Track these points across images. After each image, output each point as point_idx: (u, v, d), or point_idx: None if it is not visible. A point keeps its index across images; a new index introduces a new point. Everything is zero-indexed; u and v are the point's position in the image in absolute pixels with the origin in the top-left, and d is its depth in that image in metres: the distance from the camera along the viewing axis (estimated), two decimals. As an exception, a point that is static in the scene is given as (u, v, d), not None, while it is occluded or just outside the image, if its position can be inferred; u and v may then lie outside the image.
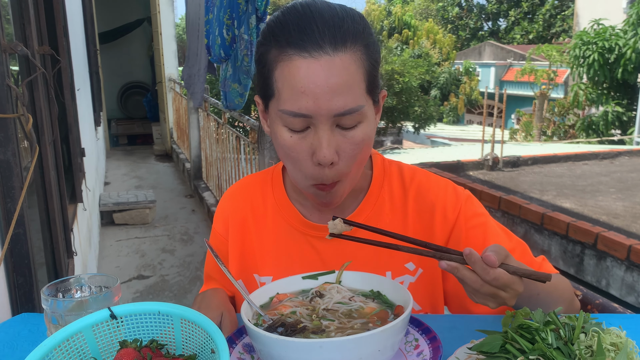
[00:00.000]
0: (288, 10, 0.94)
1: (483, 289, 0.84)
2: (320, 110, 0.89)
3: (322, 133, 0.91)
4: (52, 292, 0.90)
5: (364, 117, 0.93)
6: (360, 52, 0.91)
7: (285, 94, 0.90)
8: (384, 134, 16.55)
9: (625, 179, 7.01)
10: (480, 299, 0.86)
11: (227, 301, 1.12)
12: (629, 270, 4.18)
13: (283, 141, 0.94)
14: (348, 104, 0.89)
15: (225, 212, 1.19)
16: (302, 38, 0.88)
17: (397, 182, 1.12)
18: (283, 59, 0.90)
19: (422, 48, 21.21)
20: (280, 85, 0.91)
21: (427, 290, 1.09)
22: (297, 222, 1.11)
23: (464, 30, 33.66)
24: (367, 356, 0.77)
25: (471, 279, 0.84)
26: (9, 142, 1.35)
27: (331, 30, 0.89)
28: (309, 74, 0.88)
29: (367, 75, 0.93)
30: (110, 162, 9.27)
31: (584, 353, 0.76)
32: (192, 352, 0.81)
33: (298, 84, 0.88)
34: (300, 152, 0.93)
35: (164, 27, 9.32)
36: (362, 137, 0.94)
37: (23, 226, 1.41)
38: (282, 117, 0.92)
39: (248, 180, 1.21)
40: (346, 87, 0.89)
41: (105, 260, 4.91)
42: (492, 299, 0.85)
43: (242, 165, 5.02)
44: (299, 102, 0.89)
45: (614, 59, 12.67)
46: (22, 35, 2.01)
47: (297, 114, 0.90)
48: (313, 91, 0.88)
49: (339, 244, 1.08)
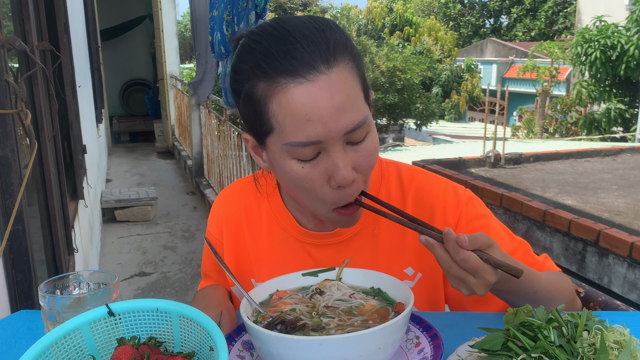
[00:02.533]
0: (261, 36, 0.86)
1: (452, 269, 0.83)
2: (330, 133, 0.84)
3: (336, 155, 0.86)
4: (49, 289, 0.89)
5: (370, 126, 0.89)
6: (350, 62, 0.87)
7: (289, 127, 0.84)
8: (385, 132, 16.53)
9: (627, 176, 6.99)
10: (452, 282, 0.86)
11: (226, 299, 1.11)
12: (631, 267, 4.16)
13: (295, 174, 0.88)
14: (356, 119, 0.85)
15: (219, 217, 1.16)
16: (292, 63, 0.82)
17: (396, 184, 1.09)
18: (277, 90, 0.83)
19: (423, 45, 21.18)
20: (280, 118, 0.84)
21: (427, 294, 1.08)
22: (293, 229, 1.09)
23: (466, 27, 33.60)
24: (367, 354, 0.76)
25: (442, 257, 0.83)
26: (7, 138, 1.34)
27: (318, 47, 0.83)
28: (310, 99, 0.82)
29: (362, 84, 0.89)
30: (112, 159, 9.28)
31: (587, 351, 0.75)
32: (190, 350, 0.80)
33: (301, 112, 0.82)
34: (316, 180, 0.88)
35: (165, 24, 9.30)
36: (373, 147, 0.90)
37: (22, 222, 1.40)
38: (289, 150, 0.86)
39: (240, 184, 1.18)
40: (350, 101, 0.85)
41: (106, 257, 4.91)
42: (461, 283, 0.84)
43: (244, 162, 5.02)
44: (307, 131, 0.83)
45: (617, 56, 12.62)
46: (22, 31, 2.00)
47: (306, 144, 0.84)
48: (319, 115, 0.82)
49: (336, 251, 1.06)
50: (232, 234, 1.14)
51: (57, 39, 3.12)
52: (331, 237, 1.07)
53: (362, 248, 1.06)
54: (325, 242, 1.07)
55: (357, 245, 1.07)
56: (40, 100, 2.07)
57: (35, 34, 2.09)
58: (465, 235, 0.81)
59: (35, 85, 2.05)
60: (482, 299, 1.05)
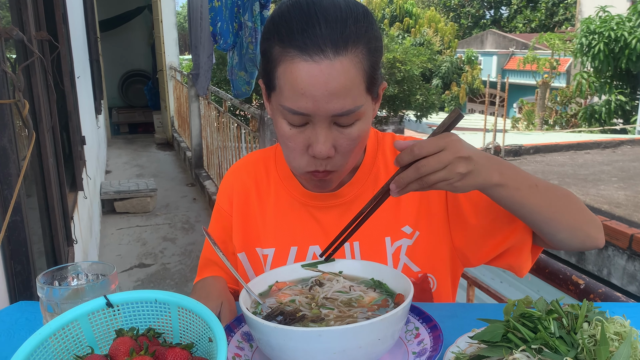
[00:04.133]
0: (292, 6, 0.94)
1: (426, 166, 0.81)
2: (318, 111, 0.92)
3: (320, 130, 0.94)
4: (48, 279, 0.89)
5: (361, 115, 0.96)
6: (361, 54, 0.92)
7: (286, 92, 0.93)
8: (385, 123, 16.50)
9: (627, 168, 6.99)
10: (441, 186, 0.84)
11: (226, 290, 1.11)
12: (631, 259, 4.17)
13: (282, 132, 0.98)
14: (346, 106, 0.92)
15: (230, 187, 1.21)
16: (305, 41, 0.90)
17: (391, 151, 1.14)
18: (285, 59, 0.92)
19: (423, 36, 21.09)
20: (282, 82, 0.93)
21: (426, 252, 1.09)
22: (298, 193, 1.14)
23: (466, 18, 33.47)
24: (366, 345, 0.76)
25: (410, 172, 0.83)
26: (5, 128, 1.34)
27: (333, 34, 0.90)
28: (310, 76, 0.90)
29: (367, 76, 0.94)
30: (111, 150, 9.27)
31: (587, 342, 0.74)
32: (189, 341, 0.80)
33: (298, 85, 0.91)
34: (297, 143, 0.97)
35: (164, 15, 9.26)
36: (358, 134, 0.97)
37: (20, 213, 1.40)
38: (282, 111, 0.96)
39: (252, 156, 1.24)
40: (344, 90, 0.91)
41: (106, 249, 4.91)
42: (443, 174, 0.82)
43: (243, 153, 5.01)
44: (299, 102, 0.92)
45: (619, 48, 12.58)
46: (19, 21, 1.98)
47: (296, 112, 0.93)
48: (312, 94, 0.90)
49: (339, 213, 1.11)
50: (242, 203, 1.18)
51: (55, 29, 3.10)
52: (334, 199, 1.11)
53: None
54: (328, 204, 1.11)
55: (359, 206, 1.08)
56: (39, 90, 2.06)
57: (33, 24, 2.07)
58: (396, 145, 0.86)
59: (33, 75, 2.04)
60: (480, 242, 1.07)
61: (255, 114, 4.30)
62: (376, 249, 1.09)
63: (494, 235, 1.06)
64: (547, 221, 0.96)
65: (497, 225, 1.05)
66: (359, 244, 1.09)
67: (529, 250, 1.06)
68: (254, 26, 3.62)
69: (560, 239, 0.99)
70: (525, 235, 1.04)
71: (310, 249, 1.11)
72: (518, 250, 1.05)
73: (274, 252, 1.13)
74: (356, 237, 1.07)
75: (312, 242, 1.11)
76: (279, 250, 1.13)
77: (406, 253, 1.09)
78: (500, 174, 0.89)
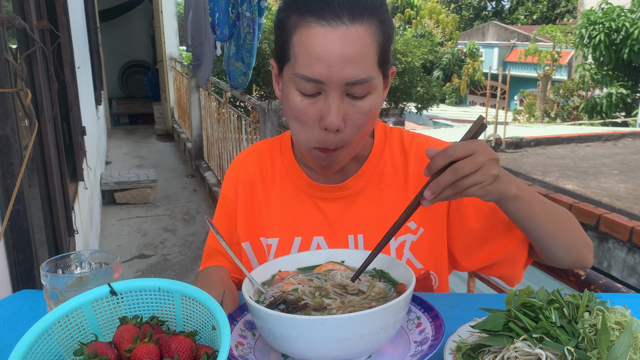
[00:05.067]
0: None
1: (463, 167, 0.83)
2: (332, 78, 0.92)
3: (332, 100, 0.94)
4: (51, 268, 0.89)
5: (373, 88, 0.96)
6: (375, 26, 0.94)
7: (301, 59, 0.93)
8: (386, 115, 16.46)
9: (628, 161, 6.99)
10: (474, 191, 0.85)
11: (229, 279, 1.12)
12: (631, 252, 4.18)
13: (294, 104, 0.97)
14: (359, 74, 0.92)
15: (235, 177, 1.21)
16: (322, 7, 0.91)
17: (398, 146, 1.15)
18: (302, 25, 0.93)
19: (425, 28, 20.99)
20: (296, 50, 0.94)
21: (429, 248, 1.11)
22: (303, 183, 1.14)
23: (468, 10, 33.31)
24: (369, 333, 0.77)
25: (447, 175, 0.83)
26: (7, 117, 1.34)
27: (350, 3, 0.92)
28: (326, 41, 0.91)
29: (380, 49, 0.95)
30: (112, 141, 9.25)
31: (588, 332, 0.75)
32: (192, 329, 0.80)
33: (314, 50, 0.92)
34: (309, 115, 0.96)
35: (164, 5, 9.22)
36: (369, 108, 0.96)
37: (23, 202, 1.40)
38: (295, 80, 0.96)
39: (258, 146, 1.24)
40: (359, 57, 0.92)
41: (106, 239, 4.92)
42: (477, 177, 0.83)
43: (244, 145, 5.00)
44: (313, 68, 0.92)
45: (620, 39, 12.52)
46: (21, 9, 1.98)
47: (310, 79, 0.93)
48: (327, 58, 0.91)
49: (344, 205, 1.11)
50: (247, 192, 1.18)
51: (55, 18, 3.09)
52: (340, 191, 1.11)
53: (369, 202, 1.11)
54: (333, 196, 1.12)
55: (364, 199, 1.11)
56: (40, 80, 2.05)
57: (35, 13, 2.07)
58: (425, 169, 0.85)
59: (34, 64, 2.03)
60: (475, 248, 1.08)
61: (256, 105, 4.29)
62: None
63: (490, 242, 1.07)
64: (551, 237, 0.98)
65: (494, 233, 1.07)
66: (363, 236, 1.10)
67: (523, 262, 1.08)
68: (252, 16, 3.60)
69: (557, 256, 1.02)
70: (521, 248, 1.07)
71: (315, 240, 1.12)
72: (513, 262, 1.08)
73: (278, 242, 1.13)
74: (360, 229, 1.09)
75: (316, 233, 1.12)
76: (283, 240, 1.13)
77: (410, 248, 1.09)
78: (517, 187, 0.91)
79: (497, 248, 1.07)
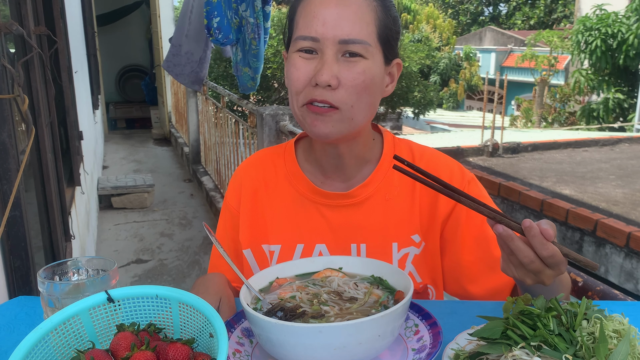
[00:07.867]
0: None
1: (533, 264, 0.83)
2: (326, 34, 0.98)
3: (327, 58, 0.98)
4: (48, 274, 0.89)
5: (369, 54, 1.00)
6: (375, 4, 1.01)
7: (301, 23, 1.01)
8: (383, 119, 16.48)
9: (625, 166, 7.00)
10: (520, 273, 0.85)
11: (226, 286, 1.11)
12: (628, 257, 4.18)
13: (293, 65, 1.02)
14: (353, 34, 0.98)
15: (238, 184, 1.21)
16: None
17: (407, 157, 1.15)
18: None
19: (422, 33, 21.04)
20: (298, 18, 1.02)
21: (429, 264, 1.11)
22: (307, 190, 1.13)
23: (465, 15, 33.42)
24: (366, 341, 0.76)
25: (524, 252, 0.83)
26: (4, 123, 1.33)
27: None
28: (323, 1, 0.99)
29: (379, 22, 1.00)
30: (109, 145, 9.24)
31: (586, 340, 0.75)
32: (190, 336, 0.80)
33: (312, 11, 0.99)
34: (304, 73, 1.00)
35: (162, 9, 9.23)
36: (363, 69, 0.99)
37: (20, 208, 1.39)
38: (295, 43, 1.02)
39: (261, 154, 1.25)
40: (353, 17, 0.98)
41: (103, 244, 4.90)
42: (534, 275, 0.85)
43: (241, 149, 5.00)
44: (310, 27, 0.99)
45: (616, 45, 12.57)
46: (18, 15, 1.98)
47: (306, 37, 1.00)
48: (324, 16, 0.98)
49: (348, 213, 1.10)
50: (250, 199, 1.18)
51: (53, 23, 3.09)
52: (345, 199, 1.11)
53: (374, 211, 1.10)
54: (338, 204, 1.11)
55: (369, 207, 1.11)
56: (37, 85, 2.05)
57: (32, 19, 2.07)
58: (546, 227, 0.81)
59: (32, 70, 2.03)
60: (476, 277, 1.09)
61: (254, 110, 4.29)
62: (382, 253, 1.09)
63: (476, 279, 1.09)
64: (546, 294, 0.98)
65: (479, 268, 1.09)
66: (366, 246, 1.10)
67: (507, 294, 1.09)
68: (256, 22, 3.60)
69: None
70: (507, 287, 1.09)
71: (317, 247, 1.11)
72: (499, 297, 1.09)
73: (280, 248, 1.13)
74: (364, 238, 1.08)
75: (318, 240, 1.11)
76: (285, 247, 1.13)
77: (413, 261, 1.09)
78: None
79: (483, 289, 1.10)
